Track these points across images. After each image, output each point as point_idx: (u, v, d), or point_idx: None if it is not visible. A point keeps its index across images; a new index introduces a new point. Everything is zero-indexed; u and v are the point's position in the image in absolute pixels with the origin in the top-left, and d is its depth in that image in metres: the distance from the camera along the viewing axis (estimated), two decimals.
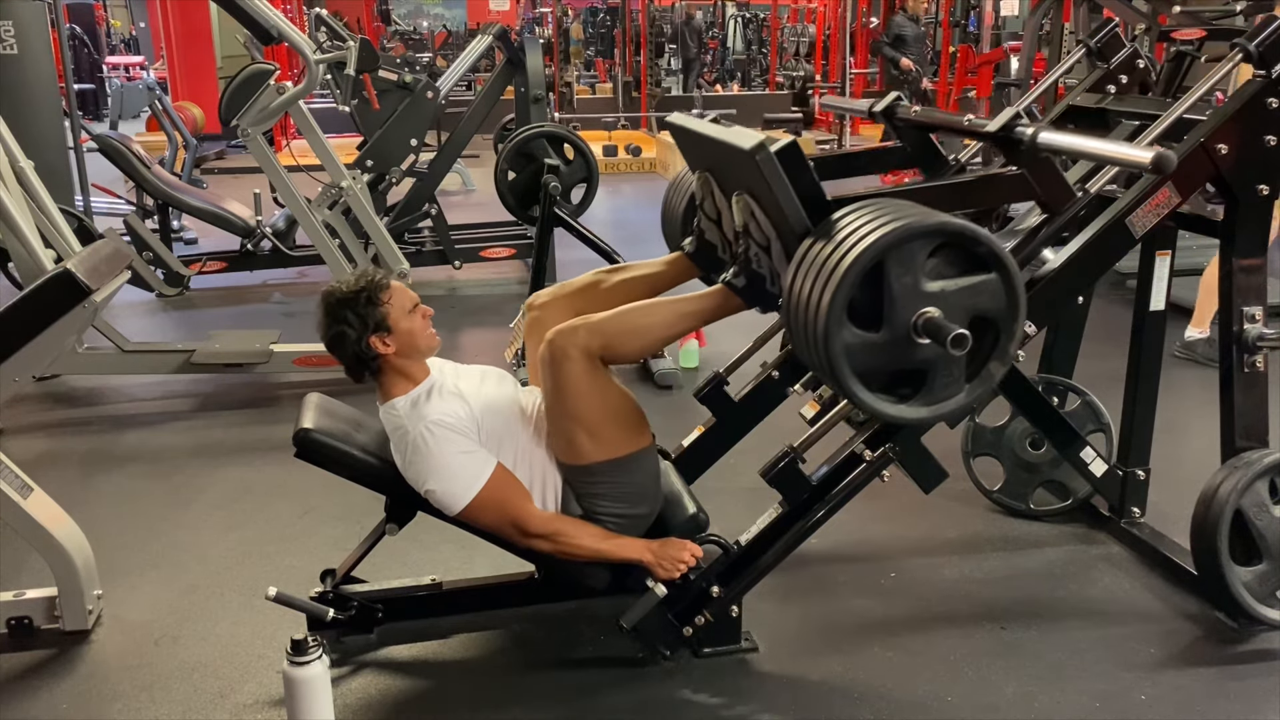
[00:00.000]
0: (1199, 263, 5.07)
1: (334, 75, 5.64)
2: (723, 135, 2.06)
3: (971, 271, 1.83)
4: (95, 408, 4.09)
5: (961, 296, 1.82)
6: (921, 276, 1.79)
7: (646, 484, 2.28)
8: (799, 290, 1.85)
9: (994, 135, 2.11)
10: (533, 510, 2.21)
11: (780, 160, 1.88)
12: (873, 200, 1.90)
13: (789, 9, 15.45)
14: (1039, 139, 2.03)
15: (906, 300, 1.79)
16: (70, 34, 11.30)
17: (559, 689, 2.29)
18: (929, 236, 1.78)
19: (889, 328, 1.80)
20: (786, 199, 1.91)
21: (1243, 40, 2.25)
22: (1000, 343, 1.88)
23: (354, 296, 2.18)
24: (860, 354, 1.81)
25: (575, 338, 2.12)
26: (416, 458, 2.15)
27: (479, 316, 5.39)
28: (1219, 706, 2.21)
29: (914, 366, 1.85)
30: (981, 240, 1.80)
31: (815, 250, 1.84)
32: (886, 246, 1.75)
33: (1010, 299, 1.85)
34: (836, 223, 1.85)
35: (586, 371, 2.13)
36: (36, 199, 3.86)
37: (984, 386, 1.91)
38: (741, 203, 2.09)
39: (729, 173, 2.17)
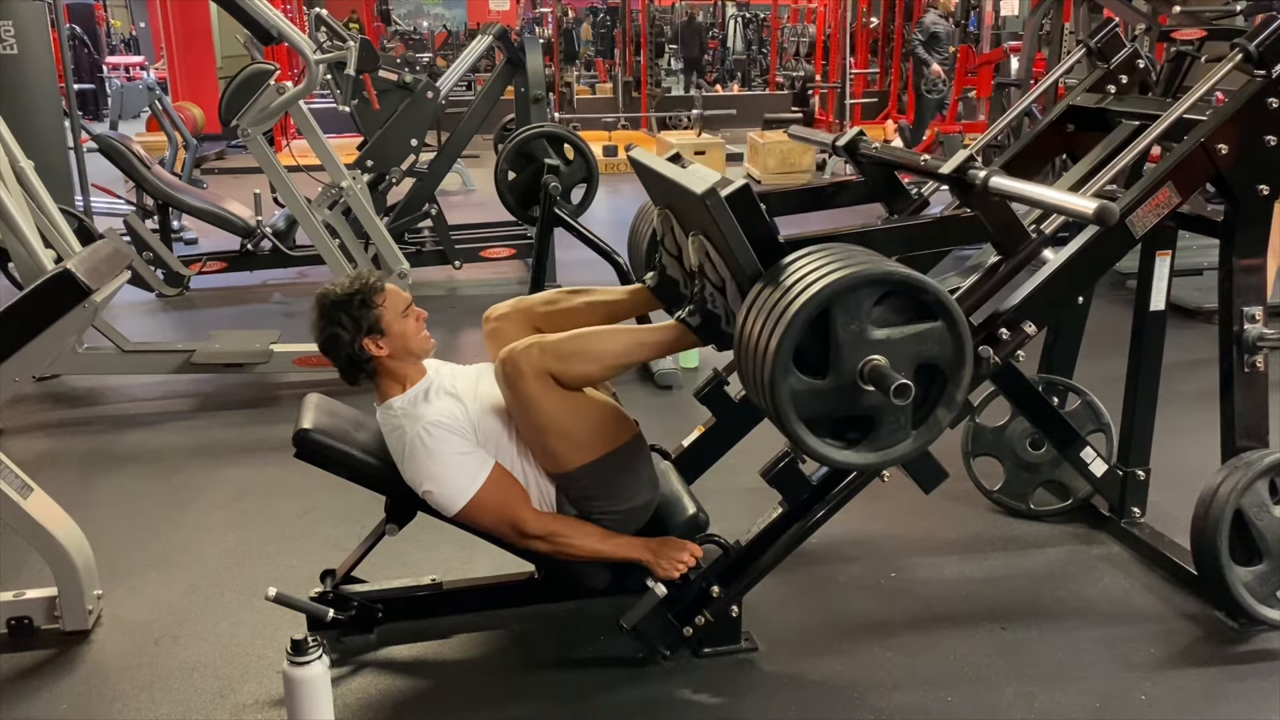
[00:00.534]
0: (1199, 263, 5.08)
1: (334, 75, 5.64)
2: (677, 177, 2.05)
3: (918, 319, 1.83)
4: (95, 408, 4.09)
5: (908, 344, 1.82)
6: (868, 324, 1.79)
7: (636, 476, 2.27)
8: (749, 333, 1.85)
9: (947, 177, 2.12)
10: (530, 511, 2.21)
11: (731, 204, 1.88)
12: (824, 245, 1.90)
13: (789, 9, 15.44)
14: (990, 184, 2.03)
15: (852, 347, 1.79)
16: (70, 34, 11.29)
17: (559, 689, 2.29)
18: (875, 285, 1.78)
19: (835, 374, 1.80)
20: (737, 242, 1.91)
21: (1243, 40, 2.25)
22: (947, 390, 1.88)
23: (348, 299, 2.19)
24: (806, 400, 1.81)
25: (528, 357, 2.11)
26: (414, 458, 2.15)
27: (479, 316, 5.32)
28: (1219, 706, 2.22)
29: (860, 413, 1.85)
30: (927, 289, 1.81)
31: (765, 295, 1.84)
32: (833, 295, 1.75)
33: (957, 346, 1.85)
34: (786, 268, 1.85)
35: (543, 388, 2.12)
36: (36, 199, 3.86)
37: (931, 433, 1.91)
38: (697, 243, 2.11)
39: (686, 212, 2.17)
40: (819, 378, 1.81)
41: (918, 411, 1.89)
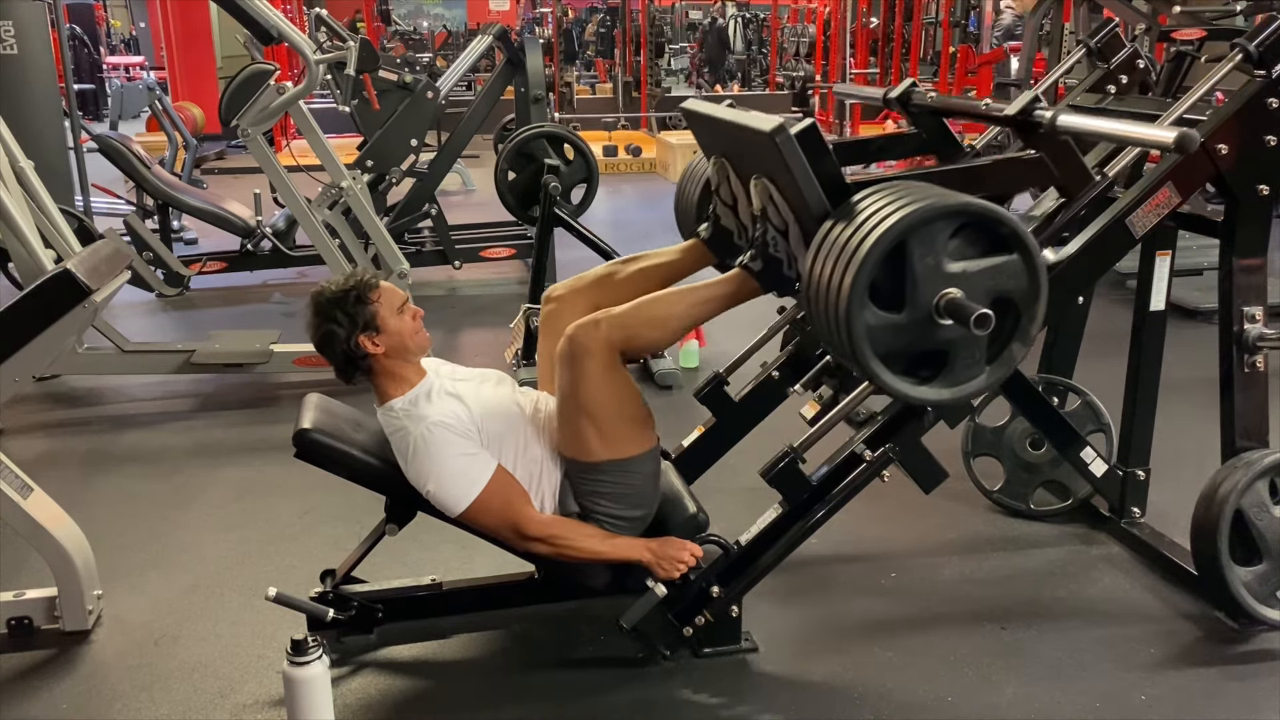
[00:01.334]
0: (1199, 263, 5.08)
1: (334, 75, 5.64)
2: (740, 119, 2.06)
3: (993, 252, 1.83)
4: (95, 408, 4.09)
5: (983, 277, 1.82)
6: (944, 257, 1.79)
7: (646, 487, 2.28)
8: (819, 273, 1.85)
9: (1012, 119, 2.11)
10: (532, 513, 2.21)
11: (800, 142, 1.89)
12: (892, 183, 1.91)
13: (789, 9, 15.44)
14: (1058, 122, 2.02)
15: (929, 281, 1.79)
16: (70, 34, 11.29)
17: (559, 689, 2.29)
18: (952, 217, 1.79)
19: (911, 309, 1.80)
20: (806, 181, 1.91)
21: (1243, 40, 2.25)
22: (1021, 324, 1.88)
23: (343, 295, 2.18)
24: (882, 335, 1.81)
25: (597, 332, 2.12)
26: (417, 459, 2.15)
27: (479, 316, 5.39)
28: (1219, 706, 2.22)
29: (935, 348, 1.85)
30: (1004, 221, 1.80)
31: (836, 232, 1.84)
32: (909, 227, 1.75)
33: (1032, 280, 1.85)
34: (857, 205, 1.85)
35: (606, 367, 2.13)
36: (36, 199, 3.86)
37: (1005, 368, 1.91)
38: (760, 186, 2.10)
39: (746, 157, 2.16)
40: (894, 312, 1.80)
41: (991, 346, 1.89)
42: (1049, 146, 2.10)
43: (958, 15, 12.92)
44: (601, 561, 2.26)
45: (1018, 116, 2.09)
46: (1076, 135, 2.08)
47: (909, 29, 12.63)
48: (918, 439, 2.29)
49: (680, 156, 9.42)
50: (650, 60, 12.29)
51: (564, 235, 4.63)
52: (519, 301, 4.38)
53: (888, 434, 2.30)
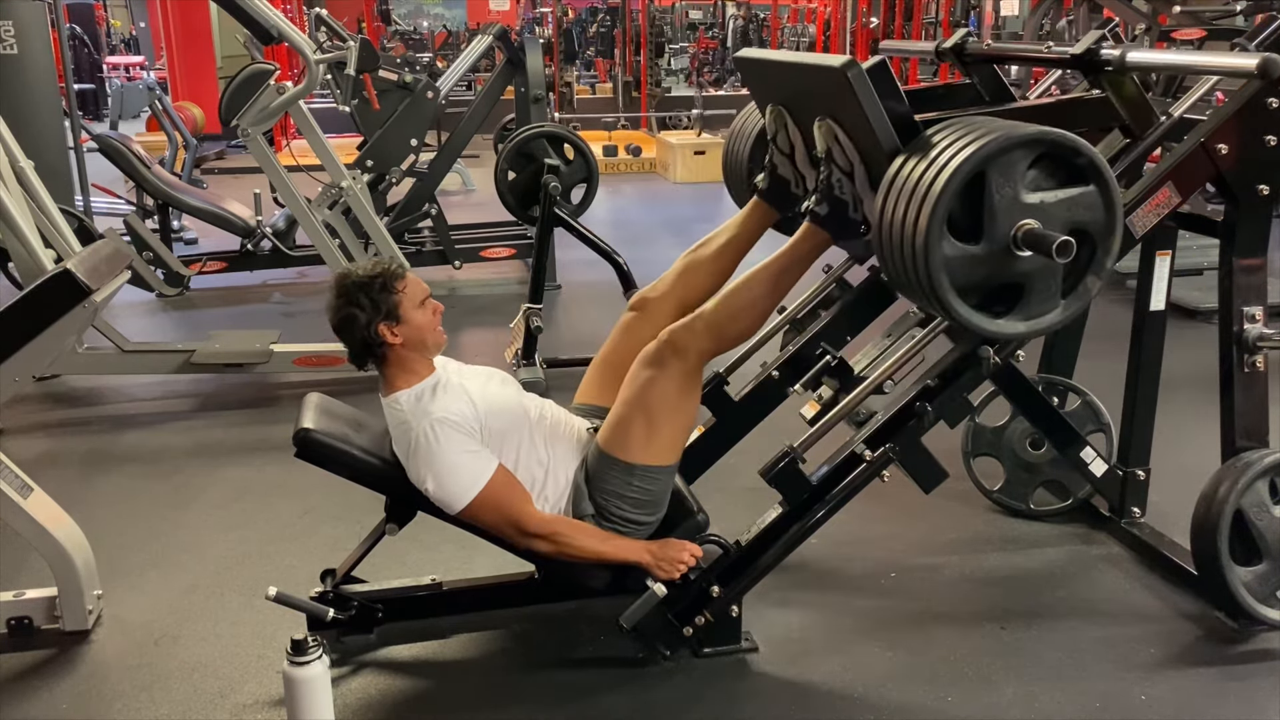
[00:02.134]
0: (1199, 263, 5.08)
1: (334, 75, 5.64)
2: (806, 59, 2.08)
3: (1070, 183, 1.83)
4: (95, 408, 4.09)
5: (1060, 208, 1.82)
6: (1021, 188, 1.79)
7: (663, 497, 2.30)
8: (892, 210, 1.85)
9: (1079, 58, 2.11)
10: (532, 511, 2.21)
11: (872, 78, 1.89)
12: (961, 119, 1.91)
13: (789, 9, 15.44)
14: (1128, 58, 2.02)
15: (1006, 212, 1.79)
16: (70, 34, 11.29)
17: (559, 689, 2.29)
18: (1029, 146, 1.79)
19: (988, 240, 1.81)
20: (878, 118, 1.92)
21: (1243, 40, 2.25)
22: (1097, 256, 1.88)
23: (369, 281, 2.19)
24: (959, 268, 1.82)
25: (692, 336, 2.17)
26: (419, 454, 2.15)
27: (479, 316, 5.39)
28: (1219, 706, 2.22)
29: (1012, 280, 1.86)
30: (1082, 151, 1.81)
31: (909, 167, 1.85)
32: (988, 156, 1.75)
33: (1109, 211, 1.85)
34: (931, 139, 1.86)
35: (691, 372, 2.19)
36: (36, 199, 3.85)
37: (1080, 301, 1.91)
38: (824, 128, 2.10)
39: (808, 100, 2.17)
40: (971, 244, 1.81)
41: (1068, 279, 1.89)
42: (1115, 86, 2.09)
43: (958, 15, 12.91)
44: (601, 562, 2.26)
45: (1084, 56, 2.09)
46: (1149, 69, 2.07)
47: (909, 29, 12.63)
48: (918, 439, 2.29)
49: (680, 156, 9.42)
50: (650, 60, 12.28)
51: (564, 235, 4.63)
52: (519, 301, 4.38)
53: (888, 434, 2.31)
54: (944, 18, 12.29)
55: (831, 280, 2.55)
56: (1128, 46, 2.03)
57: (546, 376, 4.11)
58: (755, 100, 2.50)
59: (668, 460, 2.25)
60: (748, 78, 2.42)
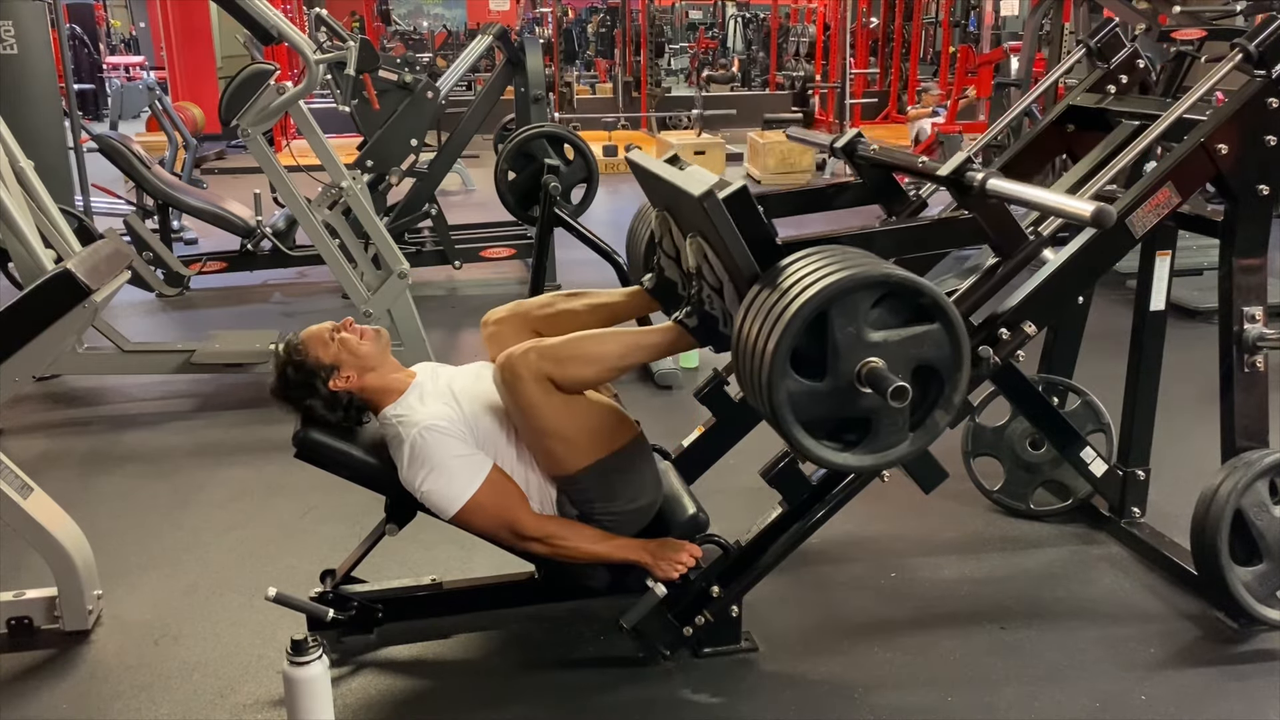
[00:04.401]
0: (1199, 263, 5.08)
1: (334, 75, 5.64)
2: (675, 179, 2.05)
3: (915, 321, 1.83)
4: (95, 408, 4.09)
5: (905, 346, 1.82)
6: (865, 326, 1.79)
7: (638, 477, 2.27)
8: (746, 335, 1.85)
9: (945, 179, 2.12)
10: (528, 513, 2.21)
11: (728, 206, 1.88)
12: (822, 247, 1.90)
13: (789, 9, 15.44)
14: (988, 186, 2.03)
15: (850, 350, 1.79)
16: (70, 34, 11.30)
17: (559, 689, 2.29)
18: (873, 287, 1.78)
19: (833, 376, 1.80)
20: (735, 244, 1.91)
21: (1243, 40, 2.25)
22: (945, 392, 1.88)
23: (284, 375, 2.26)
24: (804, 402, 1.81)
25: (525, 361, 2.11)
26: (412, 462, 2.16)
27: (479, 316, 5.30)
28: (1219, 706, 2.22)
29: (858, 415, 1.85)
30: (924, 291, 1.80)
31: (762, 297, 1.84)
32: (830, 297, 1.74)
33: (954, 348, 1.84)
34: (784, 270, 1.84)
35: (543, 392, 2.12)
36: (36, 199, 3.86)
37: (929, 435, 1.90)
38: (695, 245, 2.10)
39: (684, 214, 2.17)
40: (817, 380, 1.81)
41: (915, 413, 1.89)
42: (981, 208, 2.11)
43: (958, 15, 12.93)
44: (600, 562, 2.26)
45: (950, 176, 2.10)
46: (1004, 199, 2.09)
47: (909, 29, 12.64)
48: None
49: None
50: (650, 60, 12.29)
51: (564, 235, 4.63)
52: None
53: None
54: (944, 18, 12.29)
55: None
56: (989, 173, 2.03)
57: None
58: (648, 198, 2.50)
59: (604, 451, 2.21)
60: (638, 178, 2.41)
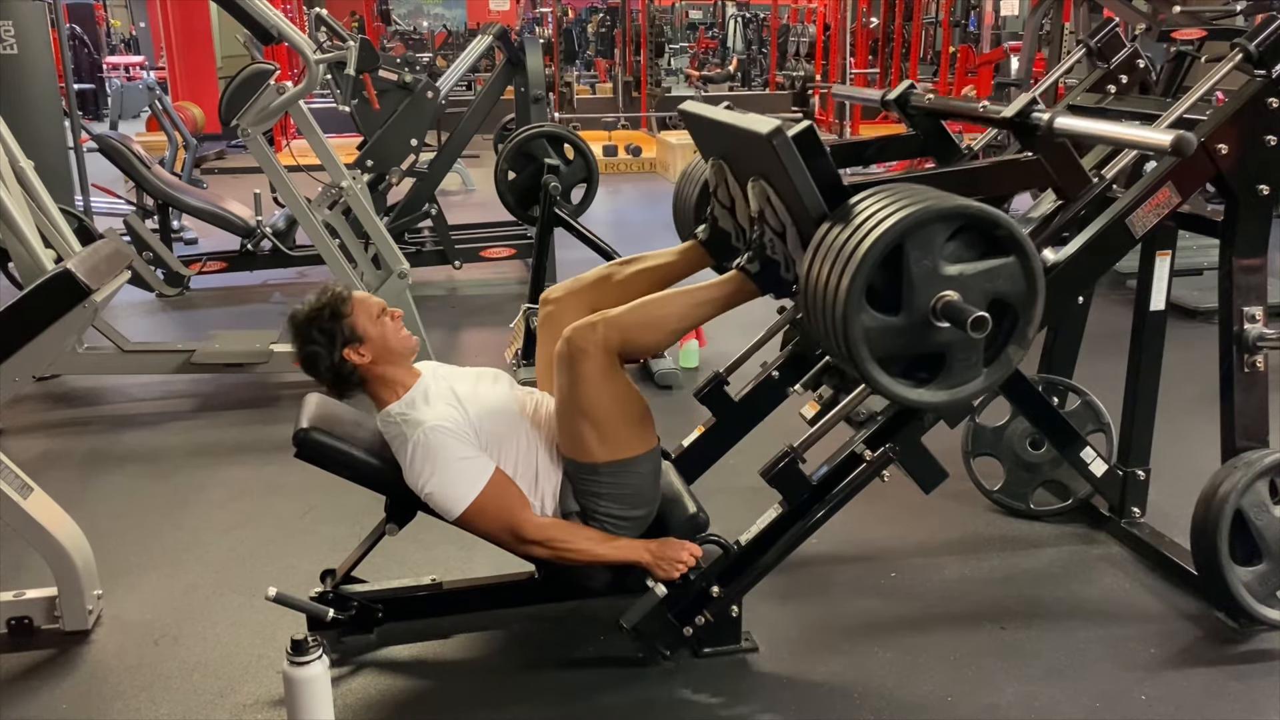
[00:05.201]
0: (1199, 263, 5.08)
1: (334, 75, 5.64)
2: (738, 121, 2.06)
3: (990, 255, 1.83)
4: (95, 408, 4.09)
5: (980, 280, 1.82)
6: (940, 260, 1.79)
7: (646, 488, 2.27)
8: (817, 275, 1.84)
9: (1009, 121, 2.11)
10: (529, 516, 2.21)
11: (797, 145, 1.89)
12: (889, 185, 1.91)
13: (789, 9, 15.45)
14: (1055, 124, 2.02)
15: (925, 284, 1.79)
16: (70, 34, 11.31)
17: (559, 689, 2.29)
18: (948, 220, 1.78)
19: (908, 312, 1.80)
20: (803, 184, 1.91)
21: (1243, 40, 2.25)
22: (1018, 326, 1.88)
23: (317, 314, 2.19)
24: (879, 338, 1.81)
25: (594, 334, 2.11)
26: (415, 463, 2.15)
27: (479, 316, 5.39)
28: (1219, 706, 2.22)
29: (932, 350, 1.85)
30: (1000, 223, 1.80)
31: (833, 235, 1.84)
32: (906, 230, 1.75)
33: (1029, 282, 1.85)
34: (854, 207, 1.85)
35: (603, 368, 2.13)
36: (36, 199, 3.86)
37: (1002, 370, 1.90)
38: (757, 188, 2.09)
39: (744, 159, 2.16)
40: (891, 315, 1.80)
41: (989, 349, 1.89)
42: (1046, 149, 2.10)
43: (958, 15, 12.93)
44: (602, 563, 2.26)
45: (1015, 119, 2.09)
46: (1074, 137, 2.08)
47: (909, 29, 12.64)
48: (918, 439, 2.29)
49: (680, 156, 9.42)
50: (650, 60, 12.29)
51: (564, 235, 4.63)
52: (519, 301, 4.38)
53: (888, 434, 2.30)
54: (944, 18, 12.29)
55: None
56: (1057, 112, 2.02)
57: None
58: (699, 150, 2.50)
59: (633, 450, 2.22)
60: (691, 129, 2.41)
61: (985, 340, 1.84)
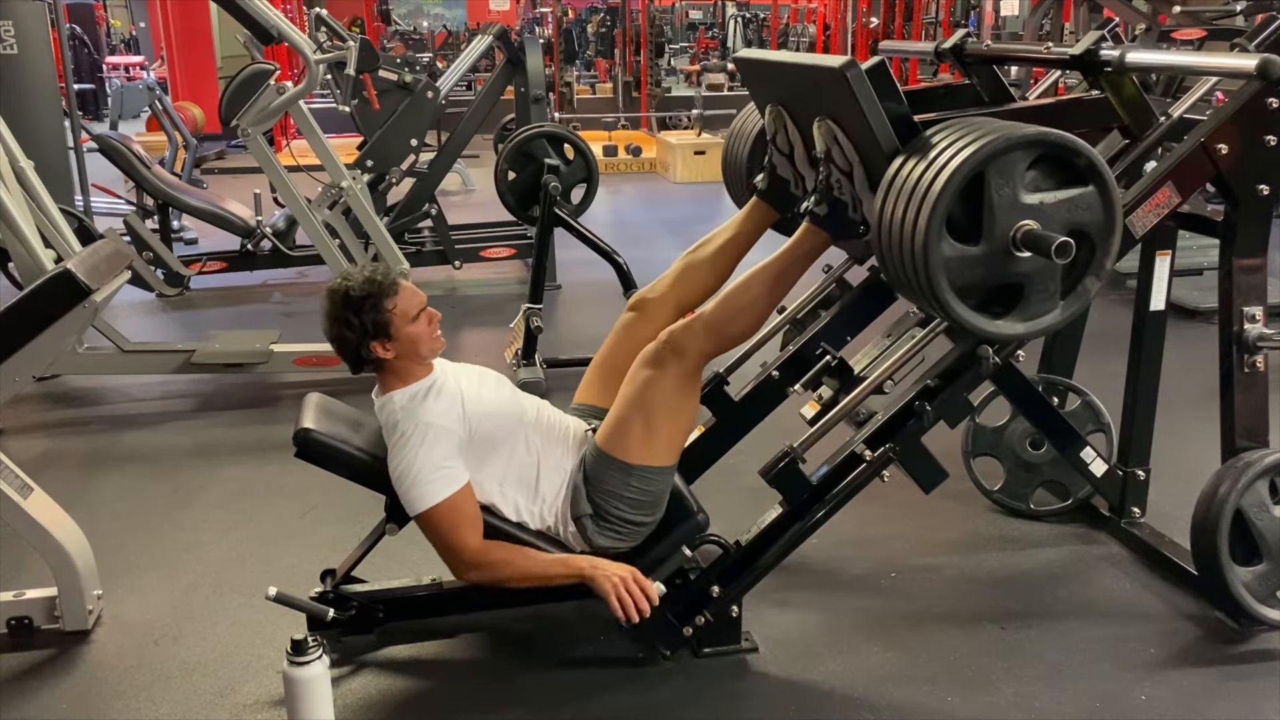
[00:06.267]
0: (1199, 263, 5.08)
1: (334, 75, 5.64)
2: (806, 59, 2.08)
3: (1069, 184, 1.83)
4: (95, 408, 4.08)
5: (1059, 209, 1.82)
6: (1021, 189, 1.79)
7: (661, 498, 2.28)
8: (891, 210, 1.85)
9: (1079, 59, 2.10)
10: (471, 539, 2.16)
11: (871, 79, 1.89)
12: (960, 119, 1.91)
13: (789, 9, 15.44)
14: (1127, 59, 2.01)
15: (1006, 213, 1.79)
16: (70, 34, 11.29)
17: (559, 689, 2.29)
18: (1029, 147, 1.79)
19: (988, 241, 1.81)
20: (877, 119, 1.91)
21: (1243, 40, 2.25)
22: (1096, 256, 1.88)
23: (359, 301, 2.17)
24: (958, 268, 1.82)
25: (692, 336, 2.18)
26: (398, 451, 2.16)
27: (479, 316, 5.39)
28: (1219, 706, 2.22)
29: (1011, 281, 1.86)
30: (1081, 151, 1.81)
31: (908, 168, 1.85)
32: (987, 157, 1.75)
33: (1108, 212, 1.85)
34: (929, 139, 1.86)
35: (689, 374, 2.19)
36: (36, 199, 3.86)
37: (1079, 302, 1.91)
38: (824, 128, 2.10)
39: (807, 101, 2.17)
40: (970, 245, 1.81)
41: (1066, 279, 1.89)
42: (1115, 87, 2.08)
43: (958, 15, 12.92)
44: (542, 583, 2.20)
45: (1084, 56, 2.08)
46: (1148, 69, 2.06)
47: (909, 29, 12.63)
48: (918, 439, 2.29)
49: (680, 156, 9.42)
50: (650, 60, 12.28)
51: (564, 235, 4.63)
52: (519, 301, 4.38)
53: (888, 434, 2.31)
54: (944, 18, 12.28)
55: (831, 280, 2.55)
56: (1127, 47, 2.03)
57: (546, 376, 4.11)
58: (754, 100, 2.50)
59: (666, 461, 2.24)
60: (747, 75, 2.42)
61: (1063, 271, 1.84)
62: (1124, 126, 2.16)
